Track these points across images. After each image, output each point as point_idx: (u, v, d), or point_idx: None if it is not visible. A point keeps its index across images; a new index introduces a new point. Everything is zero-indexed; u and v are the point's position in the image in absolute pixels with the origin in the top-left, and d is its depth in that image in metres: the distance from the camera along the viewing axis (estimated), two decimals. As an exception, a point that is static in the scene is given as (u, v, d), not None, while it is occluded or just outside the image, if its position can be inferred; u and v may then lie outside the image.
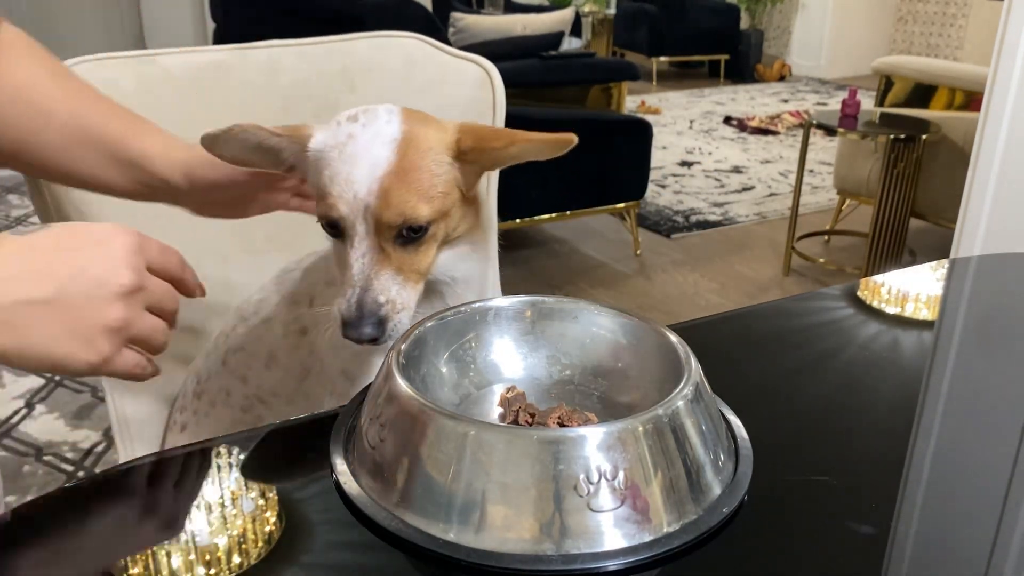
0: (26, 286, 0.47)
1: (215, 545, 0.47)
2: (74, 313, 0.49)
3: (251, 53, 1.00)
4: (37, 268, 0.48)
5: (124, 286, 0.51)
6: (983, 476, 0.56)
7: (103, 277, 0.50)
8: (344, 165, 0.62)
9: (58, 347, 0.48)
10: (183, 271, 0.59)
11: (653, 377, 0.57)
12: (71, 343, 0.49)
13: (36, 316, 0.47)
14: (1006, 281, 0.94)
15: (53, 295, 0.48)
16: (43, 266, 0.49)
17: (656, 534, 0.47)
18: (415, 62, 1.05)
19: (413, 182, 0.62)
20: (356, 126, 0.64)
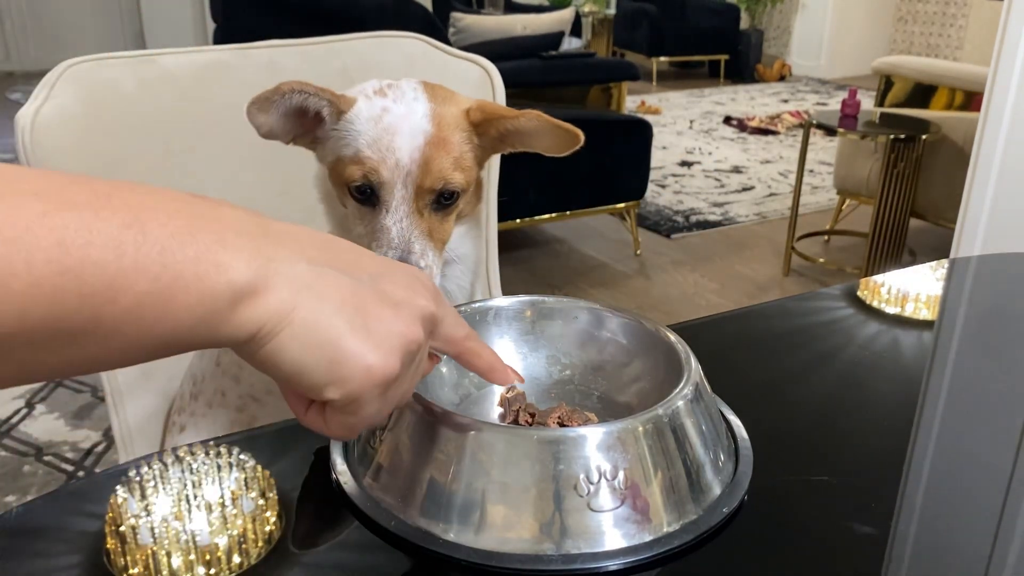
0: (335, 259, 0.38)
1: (215, 545, 0.47)
2: (377, 311, 0.38)
3: (251, 53, 1.00)
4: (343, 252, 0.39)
5: (428, 311, 0.41)
6: (983, 476, 0.56)
7: (411, 287, 0.40)
8: (385, 134, 0.66)
9: (351, 335, 0.36)
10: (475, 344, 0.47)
11: (653, 377, 0.57)
12: (366, 338, 0.37)
13: (340, 291, 0.37)
14: (1006, 281, 0.94)
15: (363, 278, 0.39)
16: (350, 254, 0.40)
17: (656, 534, 0.47)
18: (415, 62, 1.05)
19: (450, 151, 0.67)
20: (387, 100, 0.68)
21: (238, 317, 0.34)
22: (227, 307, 0.33)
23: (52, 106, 0.86)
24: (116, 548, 0.47)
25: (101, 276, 0.30)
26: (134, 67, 0.93)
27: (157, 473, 0.51)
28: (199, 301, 0.32)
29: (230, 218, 0.35)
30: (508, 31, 4.33)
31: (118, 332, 0.31)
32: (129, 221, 0.31)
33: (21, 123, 0.84)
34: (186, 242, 0.32)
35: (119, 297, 0.30)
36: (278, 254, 0.35)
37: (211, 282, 0.33)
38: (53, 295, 0.29)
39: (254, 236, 0.35)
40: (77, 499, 0.54)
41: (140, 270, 0.31)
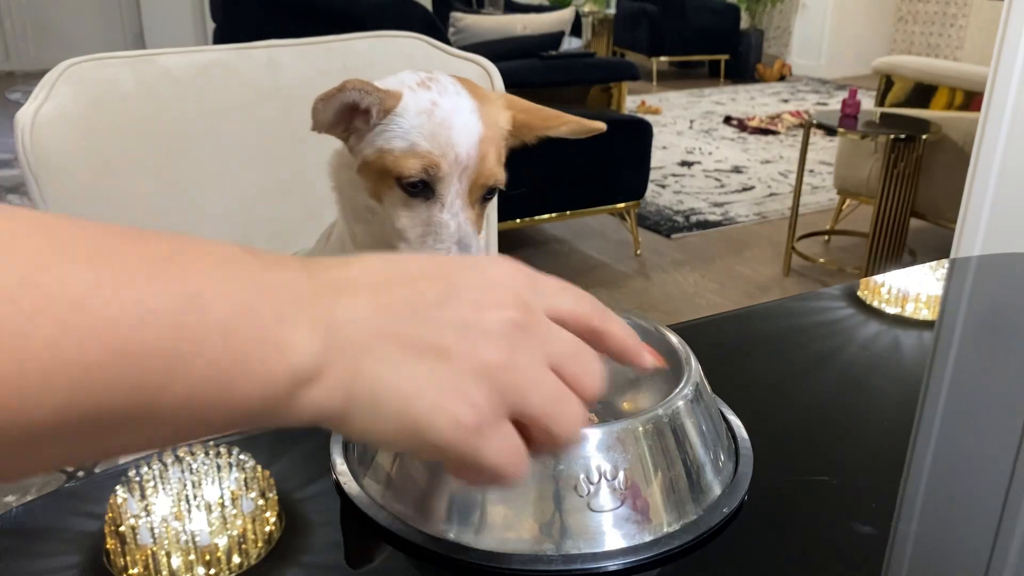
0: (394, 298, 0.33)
1: (215, 545, 0.47)
2: (442, 347, 0.33)
3: (251, 52, 1.00)
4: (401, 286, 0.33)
5: (506, 319, 0.34)
6: (983, 476, 0.56)
7: (479, 304, 0.34)
8: (442, 128, 0.67)
9: (422, 396, 0.32)
10: (605, 323, 0.38)
11: (653, 377, 0.57)
12: (437, 392, 0.32)
13: (402, 342, 0.32)
14: (1006, 281, 0.94)
15: (427, 314, 0.33)
16: (408, 287, 0.34)
17: (656, 534, 0.47)
18: (415, 62, 1.05)
19: (496, 148, 0.69)
20: (432, 94, 0.69)
21: (299, 402, 0.30)
22: (287, 393, 0.30)
23: (52, 106, 0.86)
24: (116, 548, 0.47)
25: (158, 361, 0.26)
26: (134, 67, 0.93)
27: (157, 473, 0.51)
28: (259, 388, 0.29)
29: (286, 281, 0.31)
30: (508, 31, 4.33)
31: (167, 421, 0.27)
32: (190, 295, 0.27)
33: (21, 123, 0.84)
34: (248, 319, 0.29)
35: (174, 384, 0.27)
36: (335, 315, 0.31)
37: (272, 366, 0.29)
38: (104, 384, 0.25)
39: (310, 300, 0.31)
40: (77, 499, 0.54)
41: (199, 354, 0.27)
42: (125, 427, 0.26)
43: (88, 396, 0.25)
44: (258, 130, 0.99)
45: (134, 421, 0.26)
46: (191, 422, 0.28)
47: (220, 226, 0.99)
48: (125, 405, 0.26)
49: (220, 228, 0.99)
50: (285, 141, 1.01)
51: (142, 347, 0.26)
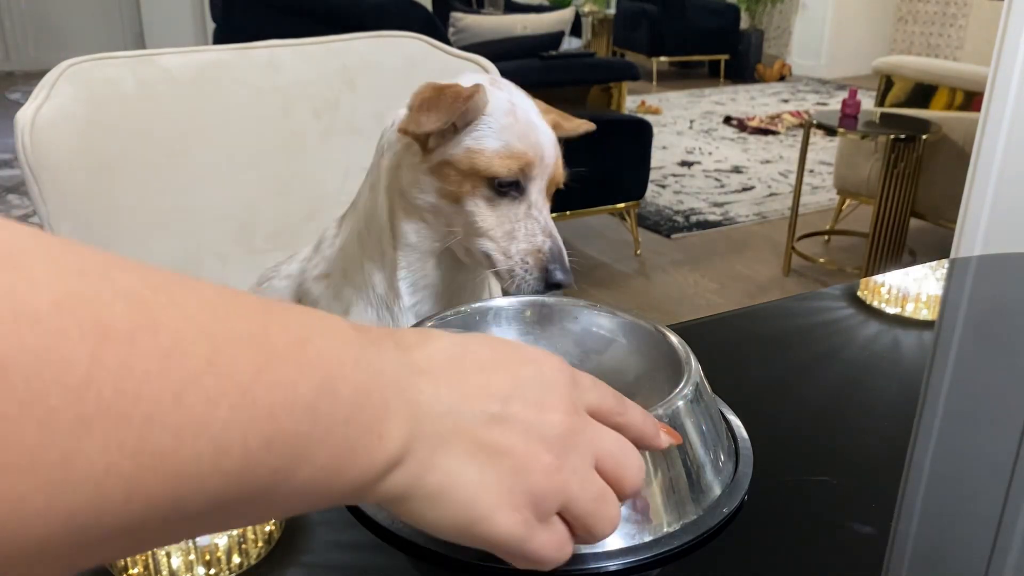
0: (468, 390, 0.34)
1: (215, 545, 0.47)
2: (506, 445, 0.34)
3: (251, 53, 1.00)
4: (474, 375, 0.34)
5: (561, 422, 0.35)
6: (983, 476, 0.56)
7: (541, 404, 0.35)
8: (530, 130, 0.68)
9: (486, 495, 0.33)
10: (625, 415, 0.40)
11: (653, 377, 0.57)
12: (498, 493, 0.33)
13: (471, 435, 0.33)
14: (1006, 281, 0.94)
15: (493, 408, 0.34)
16: (480, 377, 0.34)
17: (656, 534, 0.47)
18: (415, 62, 1.05)
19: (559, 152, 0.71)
20: (506, 94, 0.70)
21: (380, 486, 0.30)
22: (377, 479, 0.30)
23: (52, 106, 0.86)
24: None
25: (293, 448, 0.25)
26: (134, 67, 0.93)
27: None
28: (360, 475, 0.29)
29: (387, 363, 0.30)
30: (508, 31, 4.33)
31: (281, 503, 0.26)
32: (323, 379, 0.26)
33: (21, 123, 0.84)
34: (365, 409, 0.28)
35: (300, 470, 0.26)
36: (421, 403, 0.31)
37: (375, 456, 0.29)
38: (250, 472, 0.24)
39: (404, 386, 0.31)
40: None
41: (325, 442, 0.26)
42: (238, 511, 0.25)
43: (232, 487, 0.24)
44: (258, 130, 0.99)
45: (248, 506, 0.25)
46: (297, 505, 0.28)
47: (220, 226, 0.99)
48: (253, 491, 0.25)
49: (220, 228, 0.99)
50: (285, 141, 1.01)
51: (287, 435, 0.25)
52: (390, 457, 0.30)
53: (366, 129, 1.04)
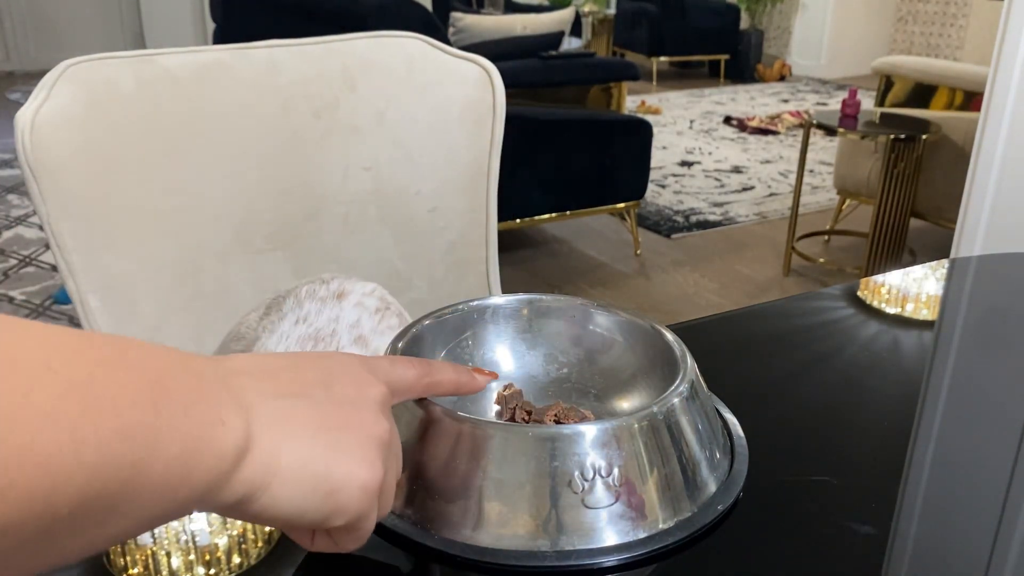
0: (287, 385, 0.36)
1: (215, 545, 0.47)
2: (342, 419, 0.37)
3: (251, 53, 1.00)
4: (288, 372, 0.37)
5: (381, 395, 0.40)
6: (983, 476, 0.56)
7: (357, 382, 0.39)
8: None
9: (336, 462, 0.35)
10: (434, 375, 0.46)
11: (649, 375, 0.57)
12: (348, 458, 0.36)
13: (308, 419, 0.36)
14: (1006, 281, 0.94)
15: (317, 394, 0.37)
16: (294, 372, 0.38)
17: (651, 531, 0.47)
18: (415, 62, 1.05)
19: None
20: None
21: (237, 476, 0.32)
22: (231, 468, 0.31)
23: (52, 106, 0.86)
24: (116, 548, 0.47)
25: (144, 437, 0.27)
26: (134, 67, 0.93)
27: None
28: (214, 463, 0.30)
29: (203, 367, 0.33)
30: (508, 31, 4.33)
31: (145, 502, 0.28)
32: (151, 379, 0.29)
33: (21, 123, 0.84)
34: (198, 398, 0.31)
35: (155, 461, 0.28)
36: (249, 400, 0.34)
37: (223, 442, 0.31)
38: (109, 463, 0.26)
39: (226, 384, 0.33)
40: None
41: (172, 431, 0.28)
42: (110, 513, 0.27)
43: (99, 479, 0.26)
44: (258, 130, 0.99)
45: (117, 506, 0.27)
46: (163, 504, 0.29)
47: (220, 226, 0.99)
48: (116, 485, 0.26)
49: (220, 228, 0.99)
50: (285, 141, 1.01)
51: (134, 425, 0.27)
52: (237, 443, 0.31)
53: (366, 129, 1.04)
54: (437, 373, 0.46)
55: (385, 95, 1.04)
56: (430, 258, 1.10)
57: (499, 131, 1.07)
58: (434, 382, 0.45)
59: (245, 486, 0.32)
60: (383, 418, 0.39)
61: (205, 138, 0.97)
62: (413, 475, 0.48)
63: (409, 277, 1.10)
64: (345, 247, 1.05)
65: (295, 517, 0.35)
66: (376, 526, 0.48)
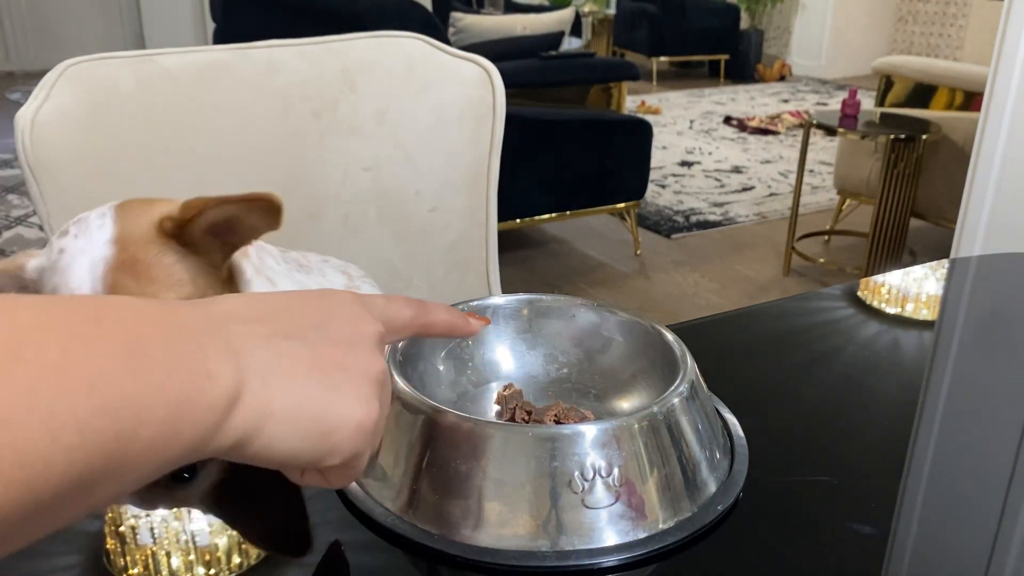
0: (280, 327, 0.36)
1: (215, 545, 0.47)
2: (337, 359, 0.37)
3: (251, 53, 1.00)
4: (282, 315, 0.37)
5: (376, 333, 0.39)
6: (983, 476, 0.56)
7: (352, 320, 0.39)
8: (62, 278, 0.56)
9: (331, 402, 0.35)
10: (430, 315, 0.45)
11: (649, 375, 0.57)
12: (343, 397, 0.36)
13: (301, 360, 0.35)
14: (1006, 281, 0.94)
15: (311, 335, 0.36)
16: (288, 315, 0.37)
17: (651, 531, 0.47)
18: (415, 62, 1.05)
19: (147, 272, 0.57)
20: (67, 239, 0.59)
21: (228, 425, 0.31)
22: (222, 418, 0.31)
23: (52, 106, 0.86)
24: (116, 548, 0.47)
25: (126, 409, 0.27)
26: (134, 67, 0.93)
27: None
28: (204, 417, 0.30)
29: (189, 318, 0.32)
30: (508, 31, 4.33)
31: (136, 467, 0.28)
32: (130, 343, 0.28)
33: (21, 123, 0.84)
34: (182, 355, 0.30)
35: (142, 430, 0.27)
36: (239, 345, 0.33)
37: (211, 395, 0.30)
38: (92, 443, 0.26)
39: (212, 331, 0.32)
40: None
41: (156, 396, 0.28)
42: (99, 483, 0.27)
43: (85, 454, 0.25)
44: (258, 130, 0.99)
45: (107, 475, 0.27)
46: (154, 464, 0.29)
47: (220, 226, 0.99)
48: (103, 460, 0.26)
49: (220, 228, 0.99)
50: (285, 141, 1.01)
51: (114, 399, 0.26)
52: (227, 393, 0.31)
53: (366, 129, 1.04)
54: (432, 313, 0.45)
55: (385, 95, 1.04)
56: (430, 258, 1.10)
57: (499, 131, 1.07)
58: (429, 322, 0.45)
59: (238, 433, 0.32)
60: (378, 356, 0.39)
61: (205, 138, 0.97)
62: (413, 475, 0.48)
63: (409, 277, 1.10)
64: (345, 247, 1.05)
65: (290, 459, 0.34)
66: (376, 526, 0.48)
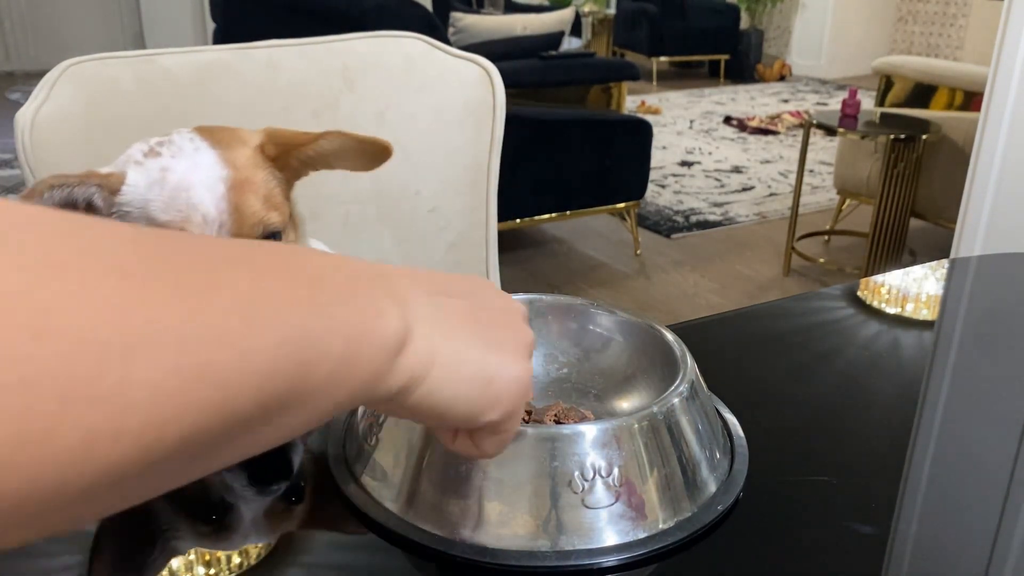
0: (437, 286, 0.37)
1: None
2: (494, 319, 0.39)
3: (251, 53, 1.00)
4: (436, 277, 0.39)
5: (523, 309, 0.42)
6: (983, 476, 0.56)
7: (499, 295, 0.42)
8: (178, 192, 0.59)
9: (491, 354, 0.37)
10: None
11: (649, 375, 0.57)
12: (502, 352, 0.37)
13: (461, 315, 0.37)
14: (1006, 281, 0.94)
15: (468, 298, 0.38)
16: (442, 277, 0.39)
17: (651, 531, 0.47)
18: (415, 62, 1.05)
19: (258, 192, 0.61)
20: (164, 159, 0.61)
21: (398, 366, 0.32)
22: (392, 357, 0.32)
23: (52, 106, 0.86)
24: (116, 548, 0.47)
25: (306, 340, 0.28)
26: (134, 67, 0.93)
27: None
28: (376, 355, 0.31)
29: (356, 265, 0.33)
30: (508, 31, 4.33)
31: (313, 401, 0.29)
32: (311, 280, 0.29)
33: (21, 123, 0.84)
34: (355, 294, 0.31)
35: (322, 362, 0.28)
36: (404, 295, 0.34)
37: (382, 334, 0.31)
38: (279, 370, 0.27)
39: (381, 280, 0.34)
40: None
41: (333, 328, 0.29)
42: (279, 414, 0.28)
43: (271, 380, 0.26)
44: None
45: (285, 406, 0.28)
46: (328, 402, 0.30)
47: (220, 226, 0.99)
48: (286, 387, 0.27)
49: (220, 228, 0.99)
50: (285, 141, 1.01)
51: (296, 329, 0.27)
52: (396, 333, 0.32)
53: (366, 129, 1.04)
54: None
55: (385, 95, 1.04)
56: (430, 258, 1.10)
57: (499, 131, 1.07)
58: None
59: (406, 375, 0.33)
60: (527, 326, 0.41)
61: (205, 138, 0.97)
62: (413, 475, 0.48)
63: (409, 277, 1.09)
64: (345, 247, 1.05)
65: (451, 407, 0.35)
66: (376, 526, 0.48)
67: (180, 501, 0.51)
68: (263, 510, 0.51)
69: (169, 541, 0.47)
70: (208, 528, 0.49)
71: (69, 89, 0.88)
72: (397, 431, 0.50)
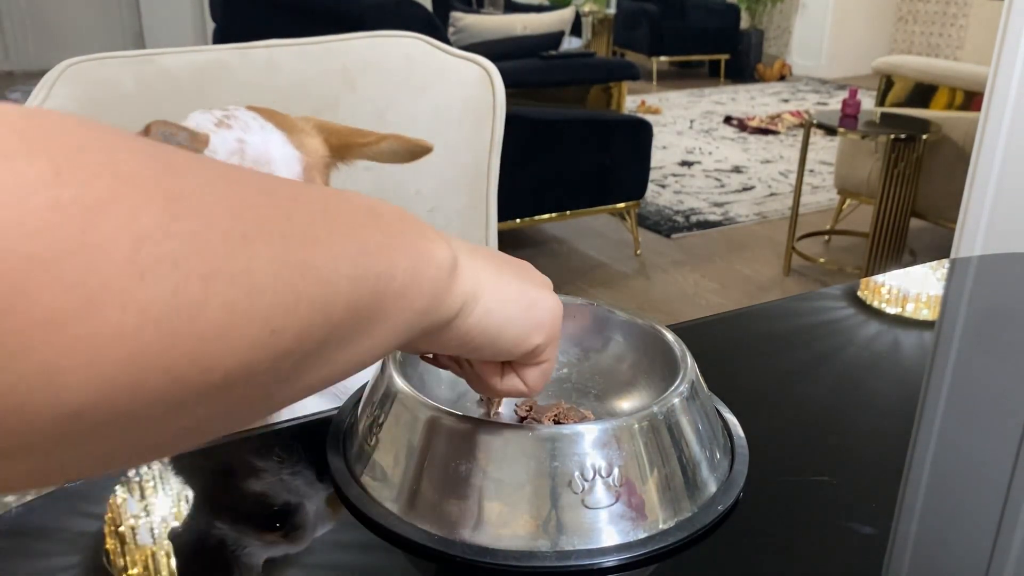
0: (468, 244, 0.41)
1: (214, 544, 0.47)
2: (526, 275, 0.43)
3: (251, 53, 1.00)
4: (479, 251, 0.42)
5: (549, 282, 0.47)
6: (983, 476, 0.56)
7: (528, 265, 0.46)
8: (260, 165, 0.62)
9: (528, 286, 0.42)
10: None
11: (650, 375, 0.57)
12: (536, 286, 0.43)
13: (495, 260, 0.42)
14: (1006, 281, 0.94)
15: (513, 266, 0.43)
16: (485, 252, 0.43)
17: (651, 531, 0.47)
18: (415, 61, 1.05)
19: (322, 177, 0.65)
20: (236, 132, 0.64)
21: (454, 288, 0.36)
22: (449, 277, 0.35)
23: (51, 106, 0.86)
24: (115, 548, 0.47)
25: (379, 253, 0.31)
26: (133, 67, 0.93)
27: (156, 474, 0.51)
28: (436, 274, 0.34)
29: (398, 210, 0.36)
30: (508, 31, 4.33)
31: (390, 315, 0.32)
32: (371, 211, 0.32)
33: (21, 123, 0.84)
34: (407, 224, 0.34)
35: (394, 272, 0.31)
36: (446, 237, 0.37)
37: (438, 256, 0.35)
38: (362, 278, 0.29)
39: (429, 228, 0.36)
40: (76, 499, 0.54)
41: (397, 247, 0.32)
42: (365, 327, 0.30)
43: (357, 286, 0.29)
44: (258, 130, 0.99)
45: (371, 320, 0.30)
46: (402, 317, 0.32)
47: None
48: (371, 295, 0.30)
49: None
50: (285, 141, 1.01)
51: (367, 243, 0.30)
52: (448, 257, 0.35)
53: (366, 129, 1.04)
54: None
55: (385, 95, 1.04)
56: (430, 258, 1.10)
57: (499, 131, 1.07)
58: None
59: (462, 296, 0.37)
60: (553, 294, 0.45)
61: (205, 138, 0.97)
62: (413, 475, 0.48)
63: (409, 277, 1.09)
64: (345, 247, 1.05)
65: (503, 329, 0.39)
66: (376, 526, 0.48)
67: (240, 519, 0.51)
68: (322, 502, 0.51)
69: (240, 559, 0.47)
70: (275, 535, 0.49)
71: (68, 89, 0.88)
72: (397, 431, 0.50)
